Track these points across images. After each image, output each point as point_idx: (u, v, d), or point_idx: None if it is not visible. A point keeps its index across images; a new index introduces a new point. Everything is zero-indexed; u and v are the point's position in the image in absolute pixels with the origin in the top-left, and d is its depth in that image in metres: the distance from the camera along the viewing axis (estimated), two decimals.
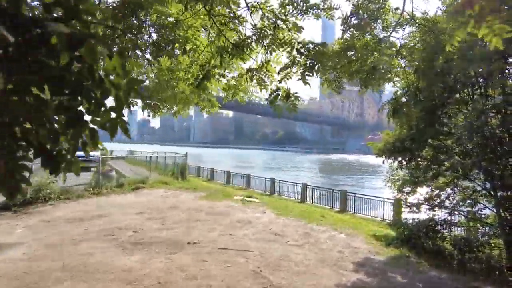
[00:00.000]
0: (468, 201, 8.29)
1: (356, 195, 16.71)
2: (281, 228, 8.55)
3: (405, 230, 8.33)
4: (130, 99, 5.35)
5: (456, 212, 8.81)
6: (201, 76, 3.72)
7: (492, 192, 7.67)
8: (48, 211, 9.23)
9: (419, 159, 8.23)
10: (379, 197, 15.23)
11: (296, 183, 20.29)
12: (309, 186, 19.33)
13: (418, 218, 8.63)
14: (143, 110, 6.72)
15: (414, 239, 8.05)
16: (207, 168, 29.93)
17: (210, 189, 14.81)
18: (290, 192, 20.17)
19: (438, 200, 8.69)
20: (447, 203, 8.63)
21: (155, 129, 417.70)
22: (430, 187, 8.77)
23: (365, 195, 16.61)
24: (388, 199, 13.35)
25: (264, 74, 3.49)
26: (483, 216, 8.49)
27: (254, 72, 3.48)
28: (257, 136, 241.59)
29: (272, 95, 3.29)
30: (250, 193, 19.59)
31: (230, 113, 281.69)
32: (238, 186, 23.34)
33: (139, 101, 7.49)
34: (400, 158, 7.90)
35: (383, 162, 8.14)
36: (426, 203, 8.70)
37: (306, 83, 3.25)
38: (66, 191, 10.89)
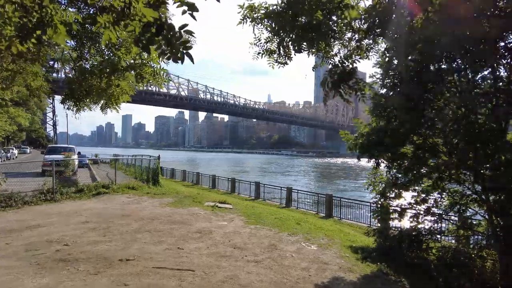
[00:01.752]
0: (457, 206, 7.25)
1: (342, 199, 15.68)
2: (244, 240, 7.41)
3: (385, 240, 7.24)
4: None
5: (444, 219, 7.77)
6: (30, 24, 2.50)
7: (483, 196, 6.63)
8: None
9: (400, 158, 7.16)
10: (366, 202, 14.17)
11: (281, 187, 19.22)
12: (294, 191, 18.27)
13: (400, 227, 7.57)
14: (63, 103, 5.63)
15: (395, 252, 6.96)
16: (193, 172, 28.89)
17: (183, 195, 13.63)
18: (276, 196, 19.13)
19: (424, 206, 7.65)
20: (434, 209, 7.58)
21: (150, 133, 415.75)
22: (417, 191, 7.74)
23: (352, 200, 15.56)
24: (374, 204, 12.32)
25: (125, 5, 2.29)
26: (474, 223, 7.45)
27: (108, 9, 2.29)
28: (252, 140, 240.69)
29: (145, 34, 2.14)
30: (234, 197, 18.51)
31: (226, 118, 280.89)
32: (223, 191, 22.21)
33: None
34: (377, 155, 6.79)
35: (358, 159, 7.06)
36: (410, 209, 7.66)
37: None
38: (8, 197, 9.67)
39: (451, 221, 7.44)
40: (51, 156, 18.93)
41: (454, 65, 6.16)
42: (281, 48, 3.71)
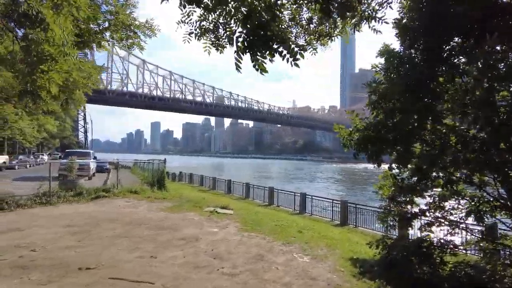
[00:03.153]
0: (479, 214, 6.11)
1: (357, 206, 14.55)
2: (230, 249, 6.69)
3: (390, 252, 6.23)
4: None
5: (462, 229, 6.63)
6: None
7: (509, 202, 5.50)
8: None
9: (408, 157, 6.15)
10: (382, 208, 12.98)
11: (294, 193, 18.29)
12: (308, 197, 17.30)
13: (408, 237, 6.54)
14: (20, 100, 5.24)
15: (400, 266, 5.94)
16: (210, 177, 28.65)
17: (185, 199, 13.11)
18: (290, 203, 18.19)
19: (439, 213, 6.57)
20: (450, 217, 6.48)
21: (178, 140, 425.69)
22: (432, 196, 6.69)
23: (367, 206, 14.40)
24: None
25: None
26: (500, 234, 6.28)
27: None
28: (277, 146, 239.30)
29: None
30: (245, 203, 17.85)
31: (251, 123, 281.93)
32: (237, 196, 21.59)
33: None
34: (376, 153, 5.83)
35: (355, 157, 6.13)
36: (423, 216, 6.62)
37: None
38: (1, 200, 9.57)
39: (468, 230, 6.31)
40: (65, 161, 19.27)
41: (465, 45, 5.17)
42: (219, 25, 2.95)
